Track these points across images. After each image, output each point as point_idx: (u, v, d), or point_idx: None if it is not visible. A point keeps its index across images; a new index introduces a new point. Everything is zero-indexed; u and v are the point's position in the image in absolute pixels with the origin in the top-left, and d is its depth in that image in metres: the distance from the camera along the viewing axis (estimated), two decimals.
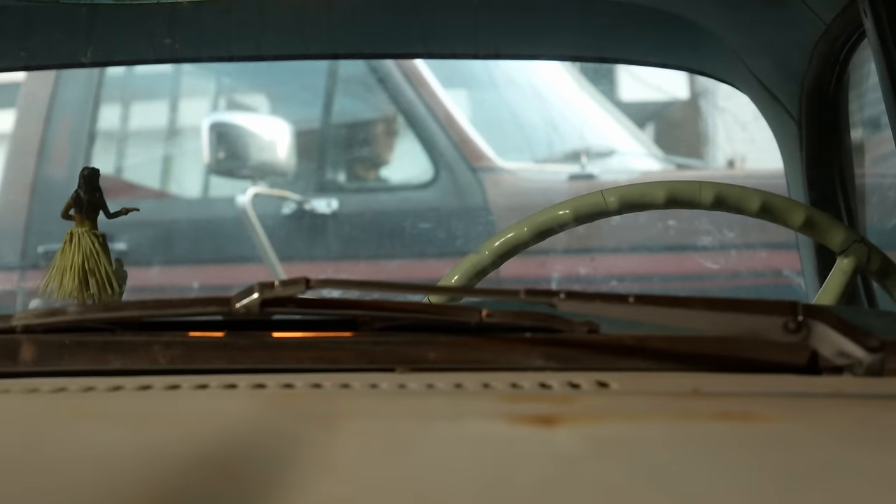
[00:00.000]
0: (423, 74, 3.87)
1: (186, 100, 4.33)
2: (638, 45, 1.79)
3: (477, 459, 0.59)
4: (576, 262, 3.73)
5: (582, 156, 3.91)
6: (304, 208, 3.82)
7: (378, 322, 0.87)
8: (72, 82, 3.94)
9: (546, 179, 3.92)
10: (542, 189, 3.81)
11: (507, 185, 3.83)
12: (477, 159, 3.83)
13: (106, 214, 1.11)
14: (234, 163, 3.81)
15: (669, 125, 5.94)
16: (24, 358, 0.84)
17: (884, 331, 0.89)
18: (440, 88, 3.89)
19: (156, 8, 1.59)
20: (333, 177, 4.04)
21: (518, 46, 1.85)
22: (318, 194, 3.87)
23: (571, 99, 4.42)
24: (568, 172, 3.91)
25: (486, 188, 3.79)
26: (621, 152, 4.21)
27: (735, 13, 1.65)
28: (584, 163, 3.90)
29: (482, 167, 3.82)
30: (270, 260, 3.64)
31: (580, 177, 3.86)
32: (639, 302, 0.80)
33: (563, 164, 3.99)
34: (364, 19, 1.73)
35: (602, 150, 4.13)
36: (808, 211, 1.36)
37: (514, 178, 3.86)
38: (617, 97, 5.38)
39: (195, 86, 4.36)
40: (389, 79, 3.89)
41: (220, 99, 4.28)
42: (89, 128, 3.95)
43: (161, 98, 4.24)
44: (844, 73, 1.62)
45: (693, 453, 0.60)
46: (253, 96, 4.36)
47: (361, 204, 3.88)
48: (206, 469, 0.57)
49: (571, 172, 3.90)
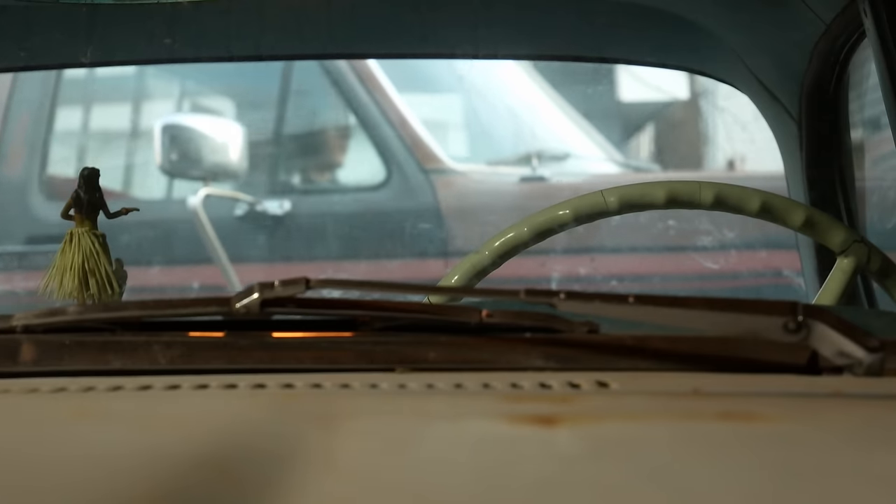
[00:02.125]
0: (377, 78, 3.94)
1: (150, 102, 4.38)
2: (638, 45, 1.79)
3: (477, 459, 0.59)
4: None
5: (533, 158, 3.97)
6: (256, 209, 3.87)
7: (378, 322, 0.87)
8: (29, 83, 3.97)
9: (497, 181, 4.00)
10: (493, 191, 3.91)
11: (458, 187, 3.90)
12: (429, 161, 3.91)
13: (106, 214, 1.11)
14: (185, 164, 3.85)
15: (669, 125, 5.94)
16: (24, 358, 0.84)
17: (884, 331, 0.89)
18: (394, 91, 3.96)
19: (156, 8, 1.59)
20: (287, 178, 4.11)
21: (518, 46, 1.85)
22: (270, 195, 3.92)
23: (530, 102, 4.53)
24: (519, 175, 3.98)
25: (437, 189, 3.86)
26: (577, 155, 4.28)
27: (735, 13, 1.65)
28: (535, 165, 3.96)
29: (434, 169, 3.89)
30: (221, 261, 3.68)
31: (531, 179, 3.93)
32: (639, 302, 0.80)
33: (514, 167, 4.06)
34: (363, 19, 1.73)
35: (557, 154, 4.20)
36: (808, 211, 1.36)
37: (465, 180, 3.94)
38: (617, 97, 5.38)
39: (159, 88, 4.40)
40: (343, 82, 3.94)
41: (185, 101, 4.33)
42: (46, 129, 3.99)
43: (123, 100, 4.28)
44: (844, 73, 1.62)
45: (693, 453, 0.60)
46: (217, 99, 4.39)
47: (314, 205, 3.94)
48: (206, 469, 0.57)
49: (522, 175, 3.96)
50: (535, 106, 4.49)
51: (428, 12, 1.71)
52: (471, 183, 3.93)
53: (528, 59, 2.34)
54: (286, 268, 3.72)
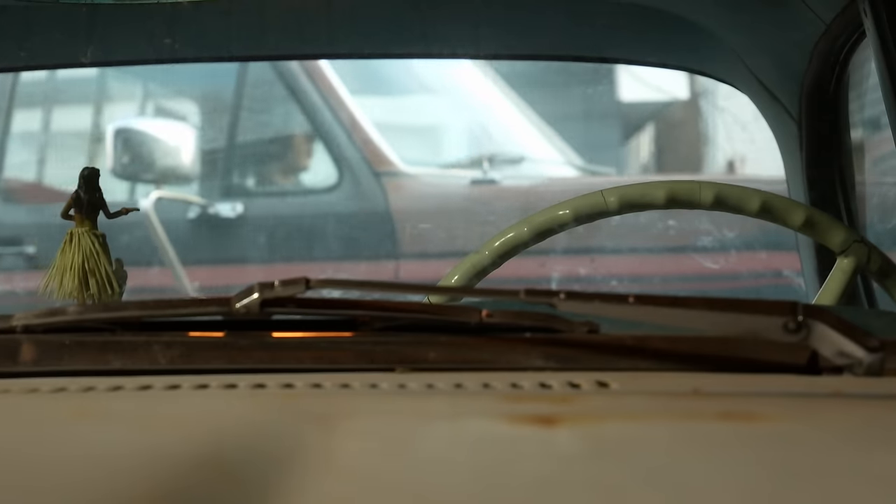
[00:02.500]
0: (330, 81, 3.98)
1: (112, 105, 4.41)
2: (638, 45, 1.79)
3: (477, 459, 0.59)
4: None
5: (484, 162, 4.02)
6: (208, 212, 3.91)
7: (378, 322, 0.87)
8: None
9: (447, 184, 4.05)
10: (443, 194, 3.97)
11: (409, 190, 3.95)
12: (380, 164, 3.96)
13: (106, 214, 1.11)
14: (137, 167, 3.90)
15: (669, 125, 5.94)
16: (24, 358, 0.84)
17: (884, 331, 0.89)
18: (347, 94, 4.00)
19: (156, 8, 1.59)
20: (240, 181, 4.14)
21: (518, 46, 1.85)
22: (223, 198, 3.96)
23: (489, 105, 4.60)
24: (470, 178, 4.02)
25: (389, 192, 3.91)
26: (533, 159, 4.33)
27: (735, 13, 1.65)
28: (485, 168, 4.01)
29: (385, 172, 3.94)
30: (172, 263, 3.72)
31: (482, 182, 3.98)
32: (639, 302, 0.80)
33: (466, 170, 4.11)
34: (364, 19, 1.73)
35: (512, 157, 4.25)
36: (808, 211, 1.36)
37: (416, 183, 4.00)
38: (617, 97, 5.38)
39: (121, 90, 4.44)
40: (297, 85, 3.99)
41: (148, 104, 4.36)
42: (2, 131, 4.03)
43: (84, 103, 4.31)
44: (844, 73, 1.62)
45: (693, 453, 0.60)
46: (181, 102, 4.42)
47: (266, 208, 3.98)
48: (206, 469, 0.57)
49: (473, 178, 4.01)
50: (493, 109, 4.60)
51: (428, 12, 1.72)
52: (421, 186, 3.99)
53: (528, 59, 2.34)
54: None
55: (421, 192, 3.94)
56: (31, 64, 1.97)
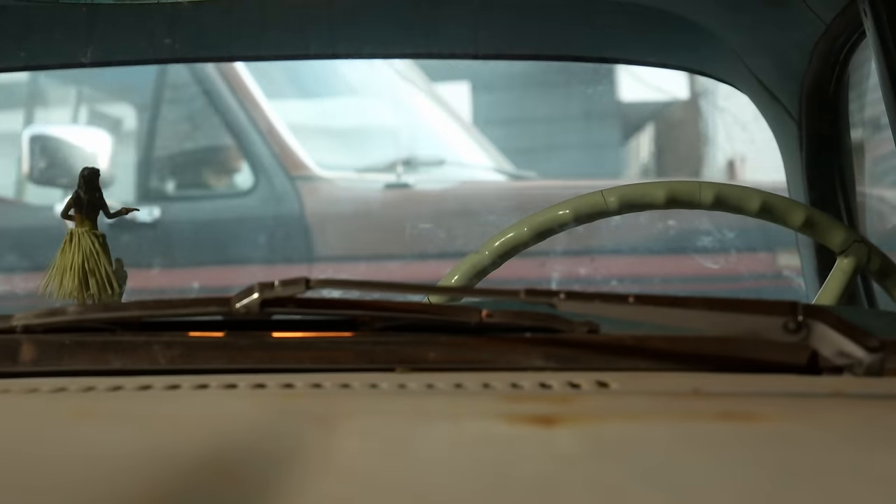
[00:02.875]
0: (247, 85, 4.04)
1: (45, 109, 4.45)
2: (638, 45, 1.79)
3: (477, 459, 0.59)
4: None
5: (398, 166, 4.09)
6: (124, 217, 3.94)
7: (378, 322, 0.87)
8: None
9: (362, 188, 4.12)
10: (357, 197, 4.04)
11: (324, 193, 4.02)
12: (296, 168, 4.02)
13: (106, 214, 1.11)
14: (53, 173, 3.95)
15: (669, 125, 5.94)
16: (24, 358, 0.84)
17: (884, 331, 0.89)
18: (263, 99, 4.07)
19: (156, 8, 1.59)
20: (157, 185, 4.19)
21: (518, 46, 1.85)
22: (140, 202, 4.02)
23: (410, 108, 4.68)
24: (384, 181, 4.07)
25: (303, 196, 3.98)
26: (454, 162, 4.39)
27: (735, 13, 1.65)
28: (399, 172, 4.07)
29: (300, 176, 4.01)
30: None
31: (395, 186, 4.04)
32: (639, 302, 0.80)
33: (381, 174, 4.17)
34: (364, 19, 1.73)
35: (432, 160, 4.33)
36: (808, 211, 1.36)
37: (331, 187, 4.06)
38: (617, 97, 5.39)
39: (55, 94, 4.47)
40: (213, 89, 4.05)
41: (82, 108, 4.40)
42: None
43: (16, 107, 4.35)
44: (844, 73, 1.62)
45: (693, 453, 0.60)
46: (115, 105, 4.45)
47: (183, 212, 4.03)
48: (206, 469, 0.57)
49: (388, 181, 4.06)
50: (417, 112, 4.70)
51: (428, 12, 1.72)
52: (336, 190, 4.05)
53: (528, 59, 2.34)
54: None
55: (335, 196, 4.02)
56: (31, 64, 1.97)
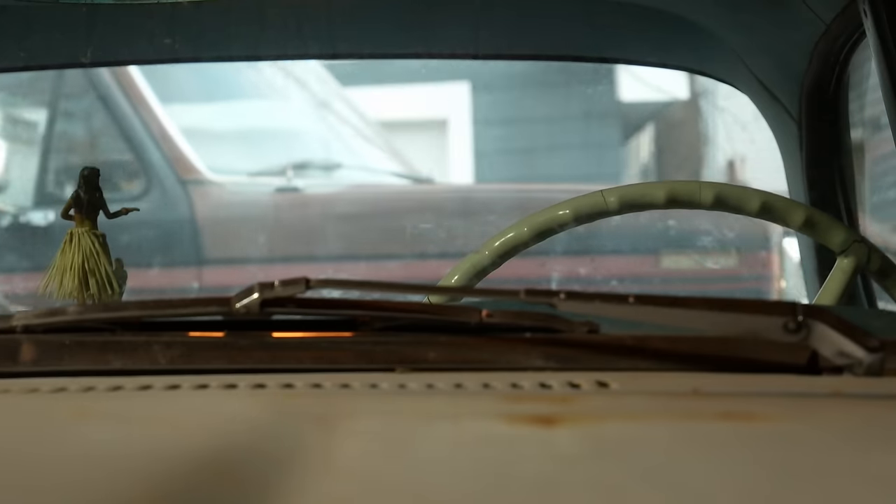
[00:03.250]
0: (140, 90, 4.11)
1: None
2: (638, 45, 1.79)
3: (477, 459, 0.59)
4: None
5: (288, 170, 4.16)
6: (19, 221, 3.99)
7: (378, 322, 0.87)
8: None
9: (252, 192, 4.19)
10: (247, 201, 4.11)
11: (214, 198, 4.09)
12: (187, 172, 4.06)
13: (106, 214, 1.11)
14: None
15: (669, 125, 5.94)
16: (24, 358, 0.84)
17: (884, 331, 0.89)
18: (157, 103, 4.13)
19: (156, 8, 1.59)
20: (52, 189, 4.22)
21: (518, 46, 1.85)
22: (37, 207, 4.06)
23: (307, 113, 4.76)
24: (275, 185, 4.15)
25: (194, 200, 4.04)
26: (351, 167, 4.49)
27: (735, 13, 1.65)
28: (290, 176, 4.15)
29: (192, 180, 4.08)
30: None
31: (286, 189, 4.11)
32: (639, 302, 0.80)
33: (272, 177, 4.24)
34: (363, 19, 1.73)
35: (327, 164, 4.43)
36: (808, 211, 1.36)
37: (222, 191, 4.13)
38: (617, 97, 5.39)
39: None
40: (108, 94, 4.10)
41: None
42: None
43: None
44: (844, 73, 1.62)
45: (693, 453, 0.60)
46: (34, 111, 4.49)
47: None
48: (206, 469, 0.57)
49: (278, 185, 4.13)
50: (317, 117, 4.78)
51: (428, 12, 1.72)
52: (226, 194, 4.12)
53: (528, 59, 2.34)
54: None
55: (225, 200, 4.09)
56: (31, 64, 1.97)
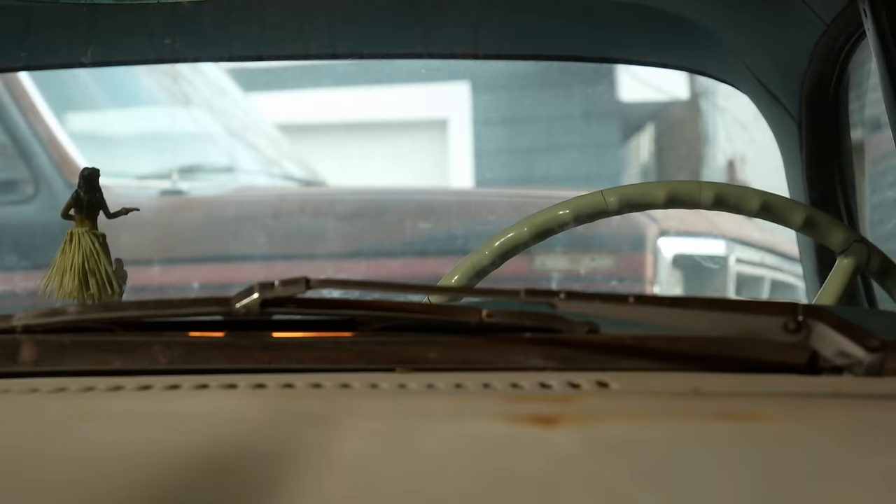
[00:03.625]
0: (31, 97, 4.21)
1: None
2: (638, 45, 1.79)
3: (477, 459, 0.59)
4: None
5: (173, 173, 4.27)
6: None
7: (378, 322, 0.87)
8: None
9: (138, 195, 4.27)
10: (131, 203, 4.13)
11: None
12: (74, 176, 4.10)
13: (106, 214, 1.11)
14: None
15: (669, 125, 5.94)
16: (24, 358, 0.84)
17: (884, 331, 0.89)
18: (46, 110, 4.23)
19: (156, 8, 1.59)
20: None
21: (518, 46, 1.85)
22: None
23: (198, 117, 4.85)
24: (161, 188, 4.24)
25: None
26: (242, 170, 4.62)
27: (735, 13, 1.65)
28: (174, 179, 4.25)
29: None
30: None
31: (170, 192, 4.21)
32: (639, 302, 0.81)
33: (159, 181, 4.33)
34: (364, 19, 1.73)
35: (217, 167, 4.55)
36: (808, 211, 1.36)
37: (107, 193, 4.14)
38: (617, 97, 5.39)
39: None
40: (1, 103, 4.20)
41: None
42: None
43: None
44: (844, 73, 1.62)
45: (693, 453, 0.60)
46: None
47: None
48: (206, 469, 0.57)
49: (163, 188, 4.23)
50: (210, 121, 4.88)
51: (428, 12, 1.72)
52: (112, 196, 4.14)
53: (528, 59, 2.34)
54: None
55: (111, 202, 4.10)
56: (31, 64, 1.97)
